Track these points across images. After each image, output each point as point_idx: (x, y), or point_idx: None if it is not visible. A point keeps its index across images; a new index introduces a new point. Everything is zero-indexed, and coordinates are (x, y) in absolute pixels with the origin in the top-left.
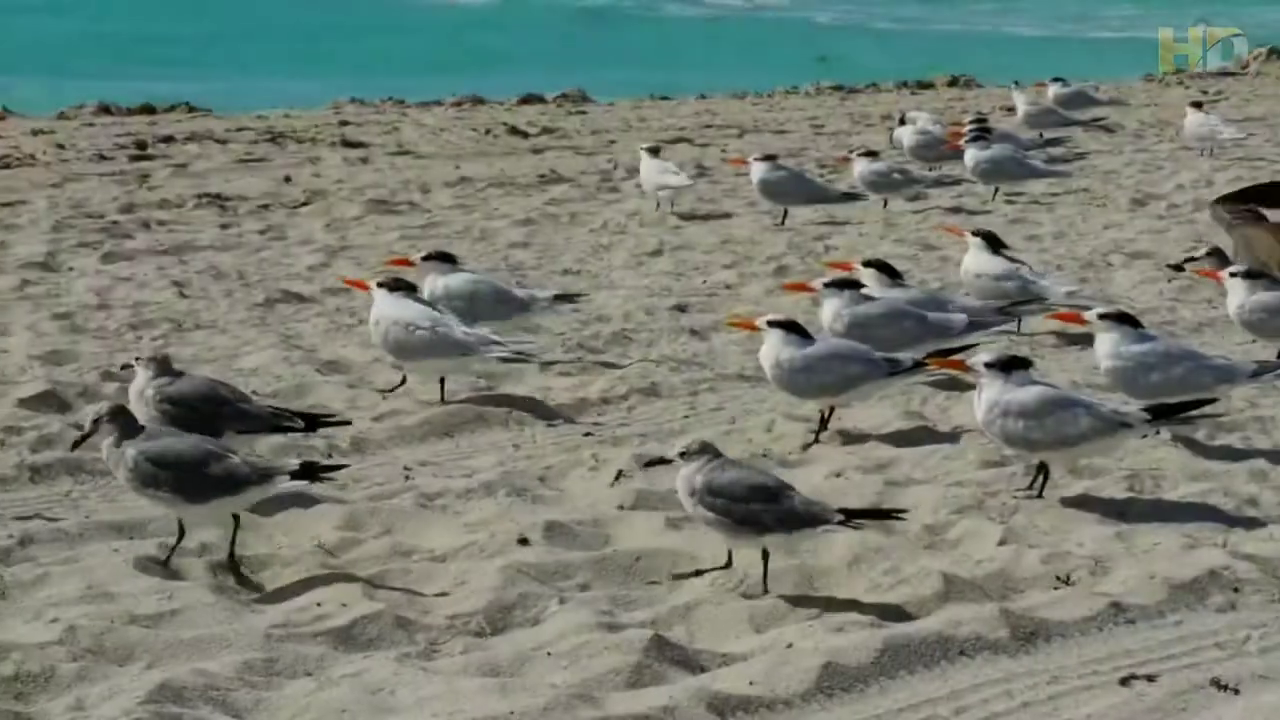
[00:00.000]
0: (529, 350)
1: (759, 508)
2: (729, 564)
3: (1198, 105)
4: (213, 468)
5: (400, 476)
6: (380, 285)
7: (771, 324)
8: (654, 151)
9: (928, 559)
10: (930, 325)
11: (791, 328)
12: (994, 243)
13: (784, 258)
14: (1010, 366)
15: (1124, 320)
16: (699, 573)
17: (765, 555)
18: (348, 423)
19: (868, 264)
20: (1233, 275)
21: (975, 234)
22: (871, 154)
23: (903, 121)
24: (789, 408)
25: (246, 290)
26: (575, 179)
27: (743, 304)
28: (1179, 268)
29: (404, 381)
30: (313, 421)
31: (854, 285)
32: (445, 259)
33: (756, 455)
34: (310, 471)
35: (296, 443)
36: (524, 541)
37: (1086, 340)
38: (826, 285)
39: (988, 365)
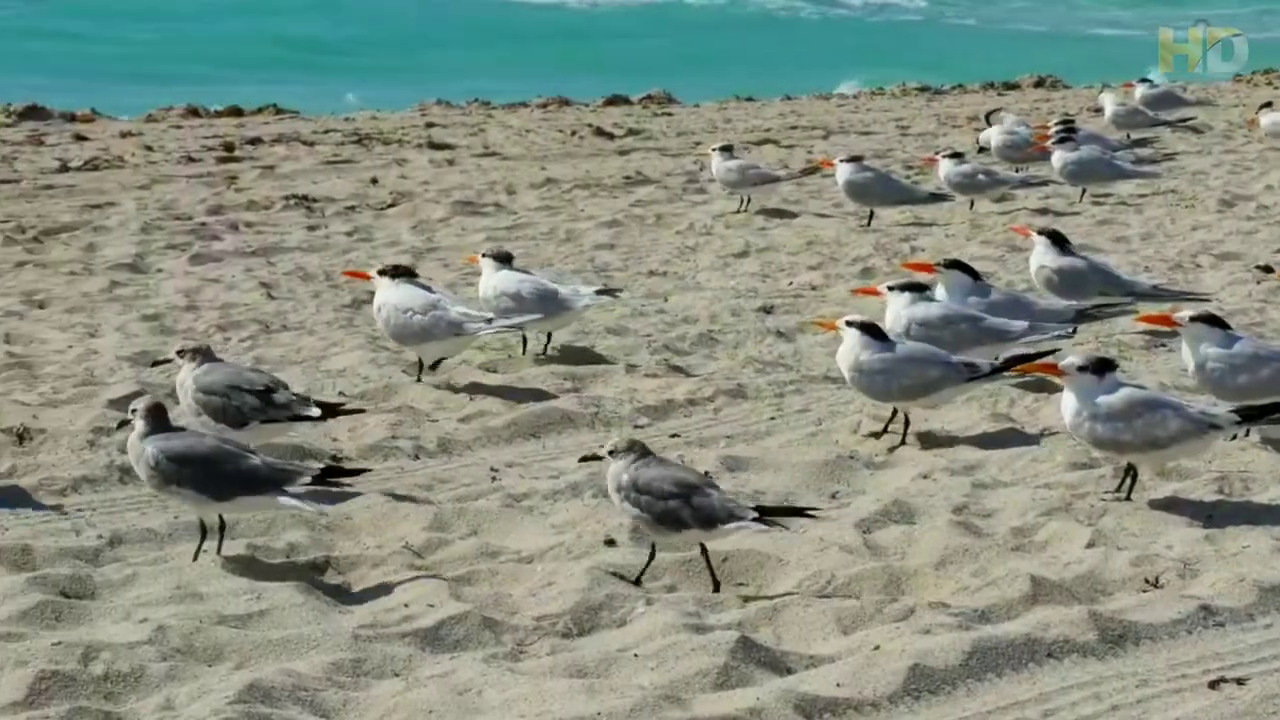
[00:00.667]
0: (521, 323)
1: (677, 505)
2: (651, 557)
3: (1268, 105)
4: (234, 466)
5: (487, 477)
6: (381, 273)
7: (850, 325)
8: (727, 150)
9: (1016, 561)
10: (987, 329)
11: (870, 329)
12: (1060, 241)
13: (870, 259)
14: (1098, 369)
15: (1212, 322)
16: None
17: (652, 551)
18: (362, 410)
19: (948, 265)
20: None
21: (1041, 233)
22: (957, 155)
23: (990, 121)
24: (875, 410)
25: (334, 291)
26: (661, 180)
27: (828, 305)
28: (1268, 269)
29: (422, 367)
30: (329, 410)
31: (918, 288)
32: (500, 258)
33: (843, 457)
34: (330, 475)
35: (385, 444)
36: (611, 543)
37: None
38: (890, 288)
39: (1077, 368)
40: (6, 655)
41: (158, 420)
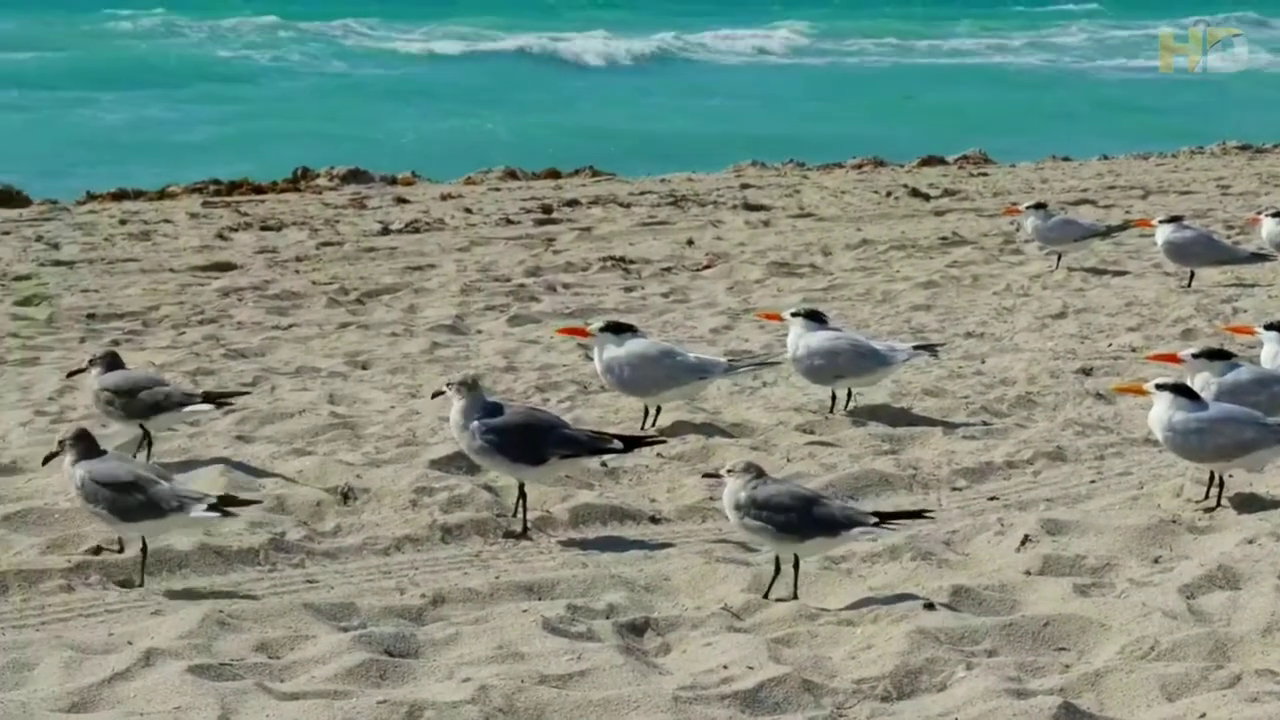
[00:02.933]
0: (770, 360)
1: (798, 516)
2: (777, 571)
3: None
4: (141, 493)
5: None
6: (603, 330)
7: (1161, 387)
8: (1041, 207)
9: None
10: None
11: (1182, 390)
12: None
13: (1190, 320)
14: None
15: None
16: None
17: (777, 565)
18: (663, 441)
19: (1269, 327)
20: None
21: None
22: None
23: None
24: (1198, 474)
25: None
26: (977, 241)
27: (1151, 369)
28: None
29: (647, 415)
30: (631, 442)
31: (1223, 355)
32: (813, 317)
33: (1165, 521)
34: (226, 504)
35: (702, 505)
36: (930, 606)
37: None
38: (1195, 356)
39: None
40: (333, 713)
41: (86, 446)
